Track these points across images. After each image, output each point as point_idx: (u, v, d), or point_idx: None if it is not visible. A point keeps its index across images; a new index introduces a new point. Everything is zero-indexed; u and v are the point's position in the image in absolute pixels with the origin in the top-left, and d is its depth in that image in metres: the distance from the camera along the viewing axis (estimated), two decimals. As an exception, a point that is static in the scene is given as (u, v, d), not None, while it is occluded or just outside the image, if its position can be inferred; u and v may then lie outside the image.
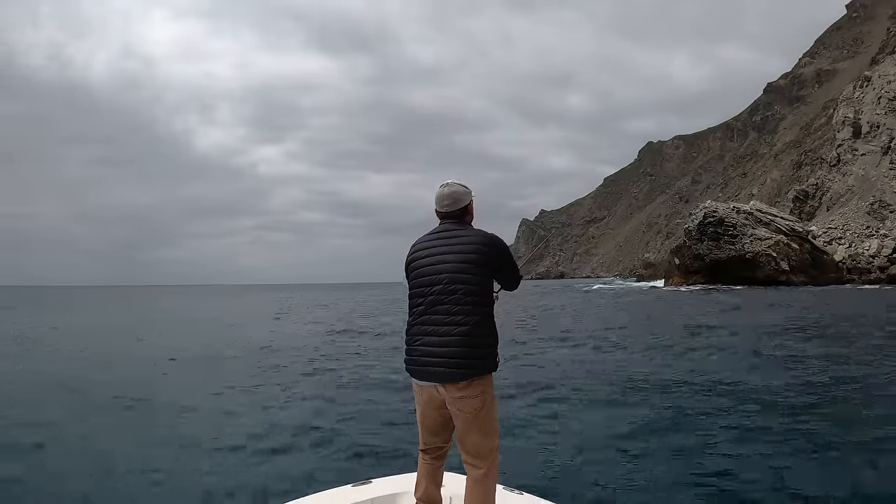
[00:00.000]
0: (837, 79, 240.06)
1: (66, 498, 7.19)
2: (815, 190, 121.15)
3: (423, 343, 3.81)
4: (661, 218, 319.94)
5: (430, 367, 3.76)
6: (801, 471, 7.39)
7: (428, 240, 4.01)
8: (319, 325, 34.32)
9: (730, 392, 12.21)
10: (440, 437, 3.99)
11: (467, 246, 3.83)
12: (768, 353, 17.96)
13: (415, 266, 3.98)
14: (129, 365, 18.83)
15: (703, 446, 8.57)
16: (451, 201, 4.02)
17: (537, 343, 22.02)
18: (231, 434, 9.66)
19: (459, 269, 3.78)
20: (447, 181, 4.09)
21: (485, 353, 3.77)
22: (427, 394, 3.86)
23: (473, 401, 3.73)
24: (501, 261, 3.90)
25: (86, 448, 9.27)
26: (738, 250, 57.84)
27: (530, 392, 12.48)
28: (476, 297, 3.77)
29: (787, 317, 30.37)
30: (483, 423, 3.79)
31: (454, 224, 4.00)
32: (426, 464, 4.02)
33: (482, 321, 3.78)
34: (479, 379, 3.74)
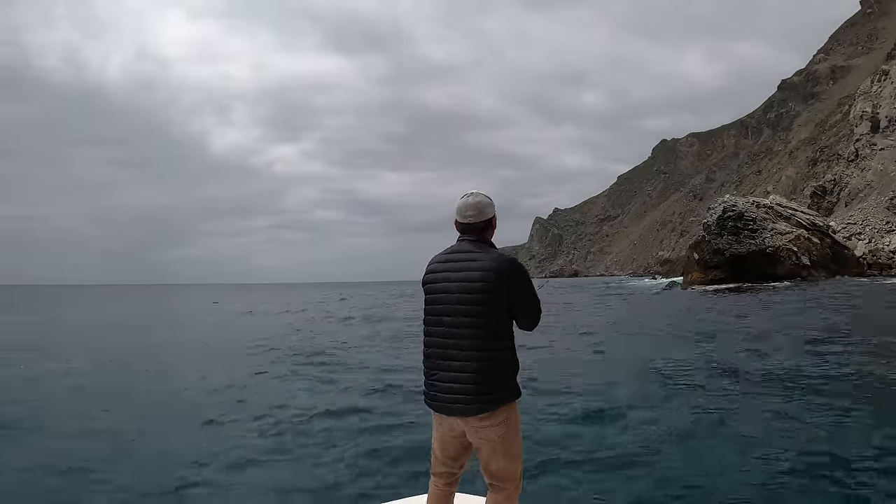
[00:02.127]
0: (852, 75, 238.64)
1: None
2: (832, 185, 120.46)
3: (439, 378, 3.69)
4: (676, 216, 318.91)
5: (449, 402, 3.66)
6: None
7: (442, 261, 3.81)
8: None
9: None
10: (457, 462, 3.89)
11: (479, 273, 3.60)
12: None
13: (428, 290, 3.83)
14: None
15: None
16: (476, 212, 3.79)
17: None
18: (230, 452, 9.14)
19: (470, 301, 3.59)
20: (471, 191, 3.88)
21: (503, 385, 3.66)
22: (447, 424, 3.76)
23: (496, 429, 3.64)
24: (512, 294, 3.62)
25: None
26: (758, 245, 57.37)
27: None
28: (490, 329, 3.60)
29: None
30: (507, 450, 3.70)
31: (472, 244, 3.75)
32: (438, 490, 3.93)
33: (498, 354, 3.64)
34: (504, 406, 3.65)
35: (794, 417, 9.47)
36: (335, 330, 29.68)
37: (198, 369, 17.31)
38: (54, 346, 24.12)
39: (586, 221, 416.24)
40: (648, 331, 23.67)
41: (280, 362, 17.95)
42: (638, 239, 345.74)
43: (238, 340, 25.34)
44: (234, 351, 21.68)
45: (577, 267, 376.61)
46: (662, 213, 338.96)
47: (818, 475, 6.91)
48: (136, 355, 20.83)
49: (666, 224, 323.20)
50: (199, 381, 15.35)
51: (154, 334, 30.22)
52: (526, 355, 7.41)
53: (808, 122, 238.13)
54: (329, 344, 22.65)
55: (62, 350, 22.48)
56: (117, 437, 9.75)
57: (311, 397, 12.80)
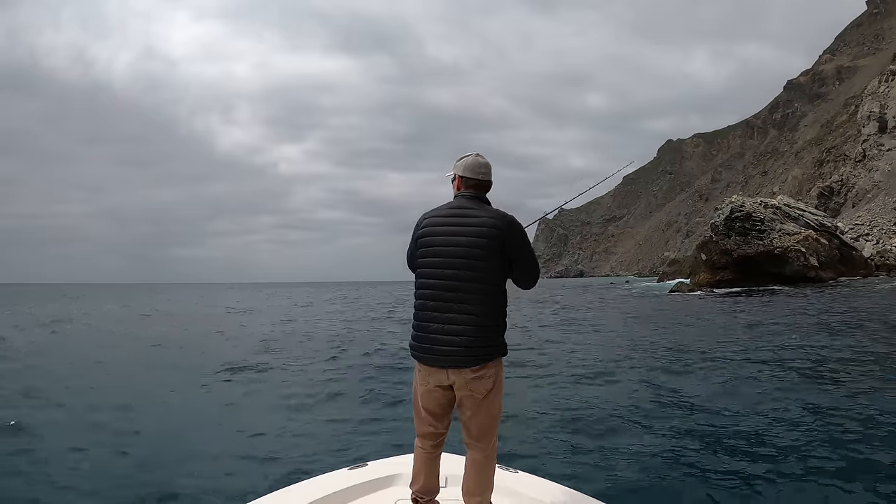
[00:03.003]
0: (858, 75, 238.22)
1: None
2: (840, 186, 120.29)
3: (435, 330, 3.71)
4: (681, 216, 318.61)
5: (444, 352, 3.68)
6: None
7: (442, 215, 3.86)
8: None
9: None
10: (442, 423, 3.91)
11: (482, 229, 3.69)
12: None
13: (426, 243, 3.85)
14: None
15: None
16: (488, 171, 3.91)
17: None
18: (224, 419, 9.60)
19: (472, 255, 3.66)
20: (474, 152, 3.96)
21: (497, 339, 3.74)
22: (435, 378, 3.77)
23: (486, 381, 3.71)
24: (515, 247, 3.72)
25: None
26: (766, 245, 57.16)
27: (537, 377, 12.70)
28: (489, 282, 3.68)
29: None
30: (491, 406, 3.78)
31: (471, 200, 3.84)
32: (425, 452, 3.95)
33: (496, 306, 3.72)
34: (492, 362, 3.73)
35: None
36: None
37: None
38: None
39: (592, 222, 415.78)
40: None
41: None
42: (643, 239, 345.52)
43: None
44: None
45: (583, 267, 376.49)
46: (668, 214, 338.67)
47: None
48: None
49: (671, 224, 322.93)
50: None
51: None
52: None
53: (815, 122, 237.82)
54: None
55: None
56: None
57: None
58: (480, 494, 3.79)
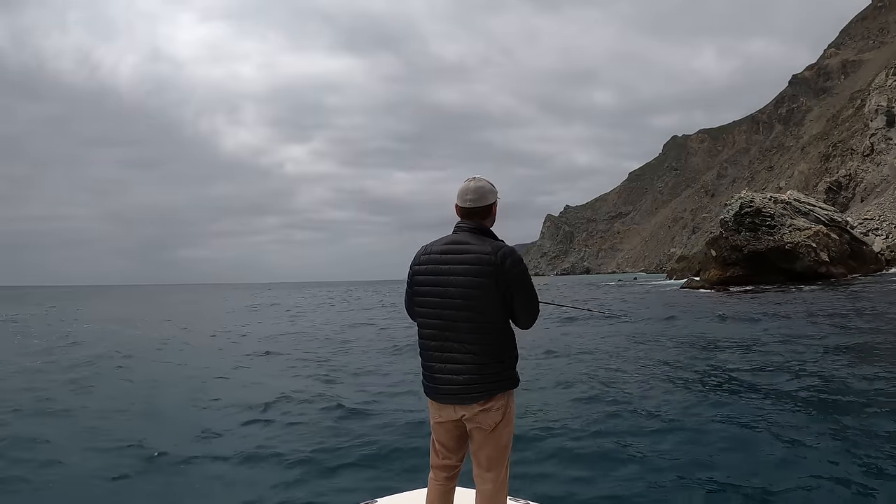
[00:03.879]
0: (864, 69, 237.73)
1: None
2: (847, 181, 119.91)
3: (438, 370, 3.70)
4: (687, 212, 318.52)
5: (450, 390, 3.69)
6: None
7: (437, 251, 3.77)
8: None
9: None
10: (456, 455, 3.90)
11: (472, 267, 3.59)
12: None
13: (420, 281, 3.81)
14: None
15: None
16: (477, 196, 3.77)
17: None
18: (222, 448, 8.86)
19: (468, 295, 3.59)
20: (474, 175, 3.86)
21: (503, 372, 3.70)
22: (446, 413, 3.78)
23: (495, 414, 3.68)
24: (511, 282, 3.59)
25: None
26: (776, 241, 56.79)
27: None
28: (486, 321, 3.61)
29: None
30: (500, 437, 3.75)
31: (470, 233, 3.74)
32: (438, 485, 3.94)
33: (498, 342, 3.66)
34: (501, 394, 3.69)
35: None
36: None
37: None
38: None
39: (597, 219, 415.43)
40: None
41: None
42: (649, 236, 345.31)
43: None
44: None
45: (589, 264, 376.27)
46: (674, 210, 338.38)
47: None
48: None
49: (677, 221, 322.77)
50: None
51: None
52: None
53: (820, 117, 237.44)
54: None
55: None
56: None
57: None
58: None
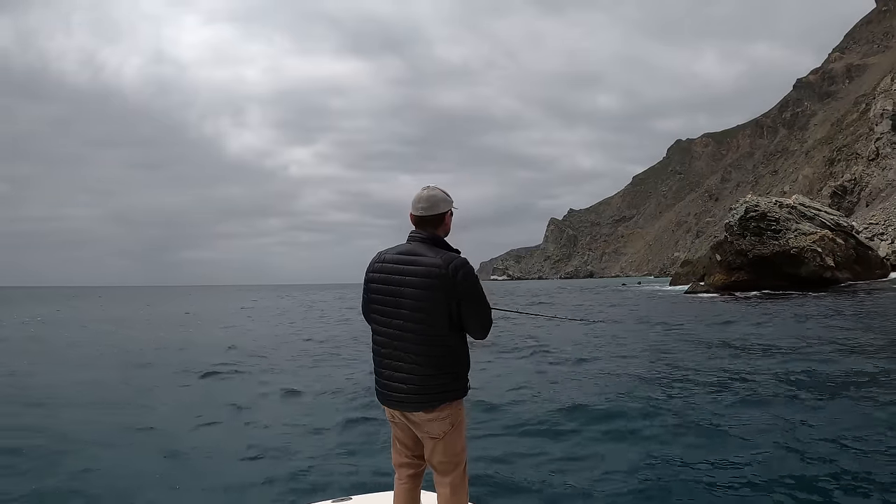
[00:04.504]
0: (868, 73, 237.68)
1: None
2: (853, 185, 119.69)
3: (387, 376, 3.77)
4: (691, 216, 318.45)
5: (397, 398, 3.75)
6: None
7: (390, 261, 3.79)
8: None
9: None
10: (413, 453, 3.98)
11: (422, 279, 3.61)
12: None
13: (373, 289, 3.85)
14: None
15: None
16: (428, 205, 3.79)
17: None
18: (205, 447, 8.92)
19: (414, 306, 3.62)
20: (429, 185, 3.91)
21: (451, 383, 3.72)
22: (397, 416, 3.87)
23: (442, 423, 3.74)
24: (461, 293, 3.59)
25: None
26: (782, 245, 56.63)
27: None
28: (433, 331, 3.63)
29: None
30: (449, 444, 3.79)
31: (421, 243, 3.75)
32: (402, 484, 4.03)
33: (447, 353, 3.68)
34: (447, 404, 3.72)
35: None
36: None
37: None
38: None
39: (601, 222, 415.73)
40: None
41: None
42: (653, 240, 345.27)
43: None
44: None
45: (592, 268, 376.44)
46: (678, 214, 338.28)
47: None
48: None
49: (681, 225, 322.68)
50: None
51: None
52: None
53: (825, 121, 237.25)
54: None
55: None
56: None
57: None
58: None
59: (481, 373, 13.96)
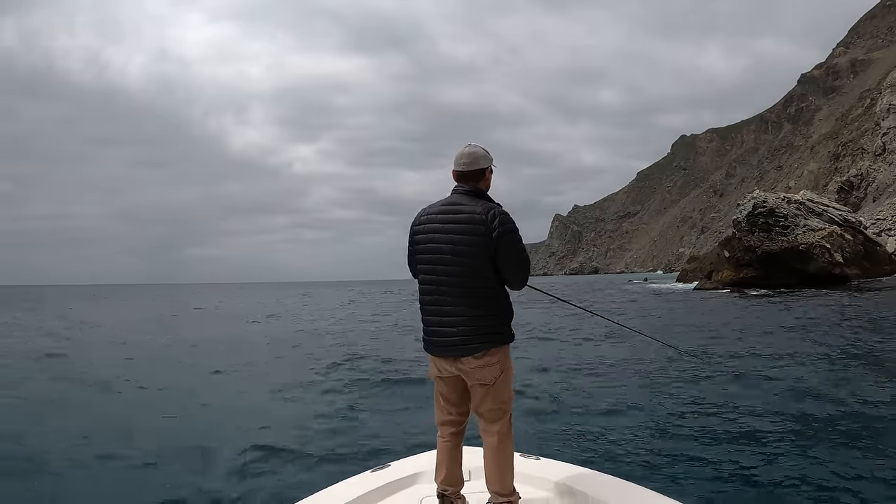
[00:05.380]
0: (873, 68, 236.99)
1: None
2: (859, 181, 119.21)
3: (435, 323, 3.84)
4: (696, 212, 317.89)
5: (447, 343, 3.80)
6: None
7: (433, 213, 3.92)
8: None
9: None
10: (459, 409, 4.02)
11: (465, 226, 3.72)
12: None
13: (418, 241, 3.96)
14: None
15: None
16: (470, 160, 3.91)
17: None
18: (245, 428, 9.44)
19: (459, 252, 3.72)
20: (471, 143, 4.00)
21: (498, 326, 3.80)
22: (445, 367, 3.90)
23: (492, 369, 3.79)
24: (499, 241, 3.68)
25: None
26: (790, 242, 56.39)
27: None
28: (477, 276, 3.73)
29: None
30: (499, 392, 3.85)
31: (464, 194, 3.88)
32: (445, 442, 4.03)
33: (490, 297, 3.78)
34: (496, 349, 3.79)
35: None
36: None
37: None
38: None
39: (606, 218, 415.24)
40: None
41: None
42: (658, 235, 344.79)
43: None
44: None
45: (597, 264, 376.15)
46: (682, 210, 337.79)
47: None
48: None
49: (686, 220, 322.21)
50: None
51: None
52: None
53: (829, 116, 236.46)
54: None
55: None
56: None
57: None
58: (500, 480, 3.85)
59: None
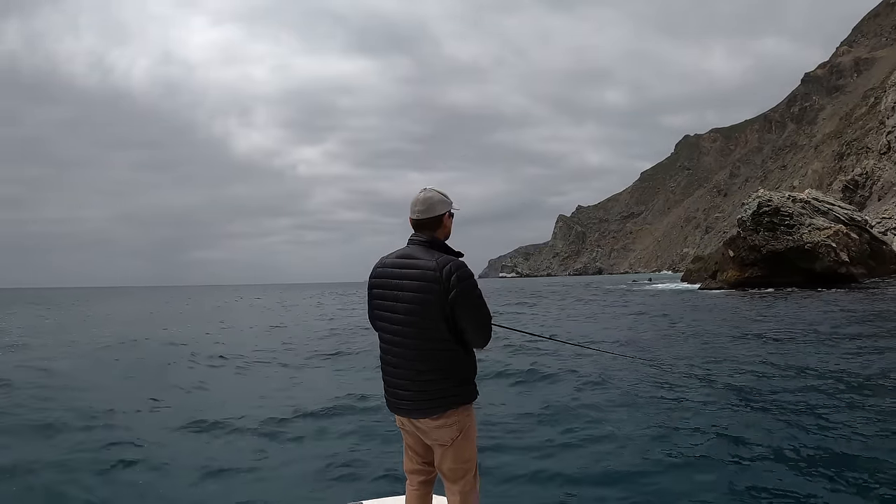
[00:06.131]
0: (877, 67, 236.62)
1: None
2: (864, 179, 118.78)
3: (392, 384, 3.74)
4: (700, 212, 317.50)
5: (402, 405, 3.72)
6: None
7: (388, 265, 3.76)
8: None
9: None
10: (424, 459, 3.94)
11: (417, 283, 3.54)
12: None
13: (374, 295, 3.83)
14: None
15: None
16: (424, 208, 3.72)
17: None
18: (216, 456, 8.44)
19: (411, 311, 3.56)
20: (427, 186, 3.83)
21: (455, 388, 3.66)
22: (405, 423, 3.84)
23: (450, 430, 3.69)
24: (456, 298, 3.48)
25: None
26: (796, 241, 56.22)
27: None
28: (433, 337, 3.57)
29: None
30: (459, 451, 3.74)
31: (419, 246, 3.68)
32: (413, 490, 4.02)
33: (450, 357, 3.62)
34: (453, 410, 3.66)
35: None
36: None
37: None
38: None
39: (609, 219, 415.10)
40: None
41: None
42: (662, 236, 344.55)
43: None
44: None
45: (601, 264, 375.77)
46: (686, 210, 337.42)
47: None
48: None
49: (690, 220, 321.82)
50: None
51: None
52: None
53: (833, 115, 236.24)
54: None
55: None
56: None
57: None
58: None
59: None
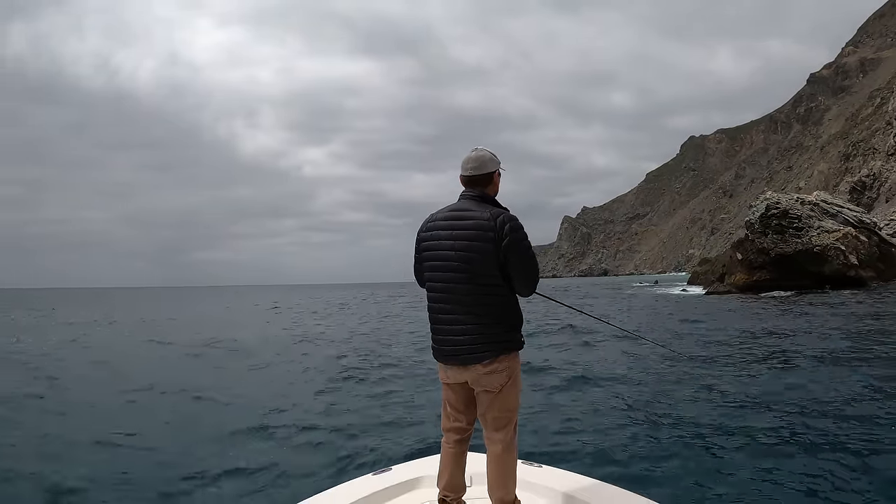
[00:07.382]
0: (882, 67, 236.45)
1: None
2: (871, 181, 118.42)
3: (444, 331, 3.81)
4: (705, 213, 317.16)
5: (455, 351, 3.76)
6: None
7: (440, 219, 3.87)
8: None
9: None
10: (465, 416, 3.97)
11: (471, 232, 3.67)
12: None
13: (425, 248, 3.92)
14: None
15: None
16: (478, 164, 3.85)
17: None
18: (245, 426, 9.36)
19: (468, 259, 3.67)
20: (478, 146, 3.94)
21: (506, 334, 3.75)
22: (452, 375, 3.86)
23: (499, 376, 3.75)
24: (507, 247, 3.60)
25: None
26: (804, 244, 55.81)
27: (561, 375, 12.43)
28: (485, 283, 3.68)
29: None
30: (505, 399, 3.80)
31: (471, 200, 3.82)
32: (449, 448, 4.00)
33: (499, 305, 3.72)
34: (504, 356, 3.74)
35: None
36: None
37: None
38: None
39: (615, 220, 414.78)
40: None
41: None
42: (667, 237, 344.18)
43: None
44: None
45: (607, 266, 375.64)
46: (692, 211, 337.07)
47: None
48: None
49: (695, 222, 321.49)
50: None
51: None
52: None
53: (839, 115, 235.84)
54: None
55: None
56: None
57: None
58: (503, 487, 3.80)
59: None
